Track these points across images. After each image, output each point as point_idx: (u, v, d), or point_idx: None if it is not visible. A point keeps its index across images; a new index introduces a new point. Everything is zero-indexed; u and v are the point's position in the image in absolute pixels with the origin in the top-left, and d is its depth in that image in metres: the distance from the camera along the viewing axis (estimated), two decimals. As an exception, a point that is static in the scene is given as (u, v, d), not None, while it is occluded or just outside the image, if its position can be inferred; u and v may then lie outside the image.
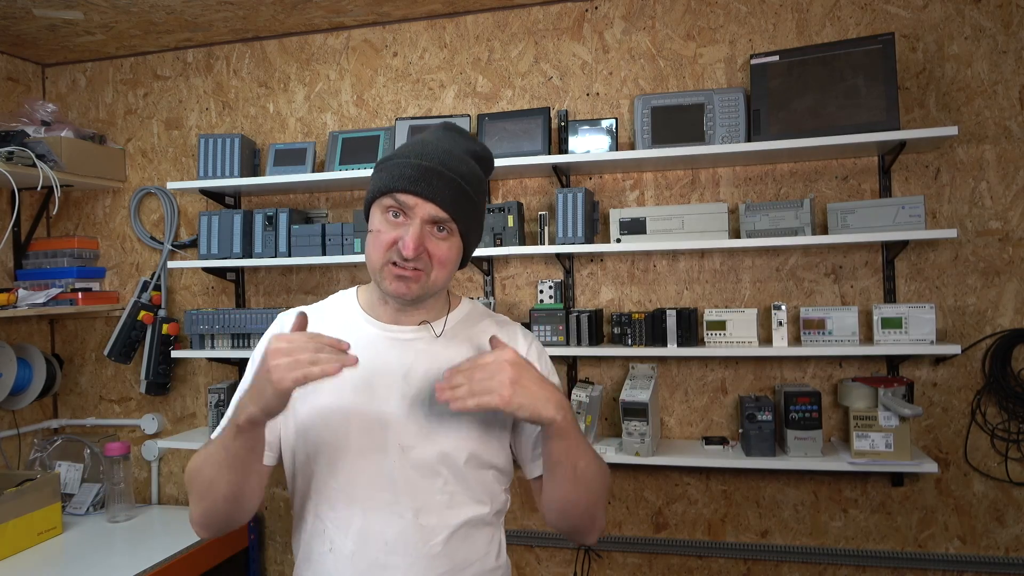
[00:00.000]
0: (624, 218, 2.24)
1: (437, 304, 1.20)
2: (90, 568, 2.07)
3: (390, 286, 1.09)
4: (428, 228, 1.08)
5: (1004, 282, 2.13)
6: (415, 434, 1.11)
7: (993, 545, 2.14)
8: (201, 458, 1.10)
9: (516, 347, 1.20)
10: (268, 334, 1.21)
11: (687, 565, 2.35)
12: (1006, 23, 2.12)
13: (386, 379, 1.13)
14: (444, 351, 1.17)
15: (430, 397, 1.12)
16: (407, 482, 1.10)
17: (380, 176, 1.10)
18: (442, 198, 1.06)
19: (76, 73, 2.92)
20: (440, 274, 1.11)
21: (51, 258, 2.76)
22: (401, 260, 1.07)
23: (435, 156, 1.08)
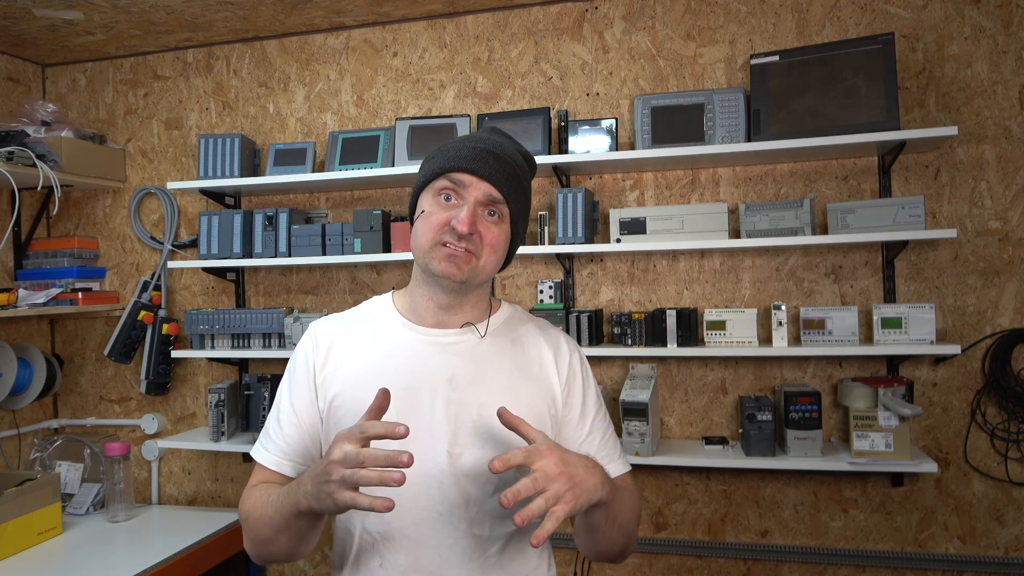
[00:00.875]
0: (624, 218, 2.24)
1: (480, 305, 1.17)
2: (90, 568, 2.07)
3: (439, 266, 1.06)
4: (480, 210, 1.07)
5: (1004, 282, 2.13)
6: (464, 442, 1.08)
7: (993, 545, 2.14)
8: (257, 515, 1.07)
9: (559, 354, 1.20)
10: (301, 346, 1.17)
11: (687, 565, 2.35)
12: (1006, 23, 2.12)
13: (431, 385, 1.09)
14: (488, 354, 1.14)
15: (479, 405, 1.09)
16: (460, 491, 1.07)
17: (433, 161, 1.10)
18: (497, 178, 1.06)
19: (76, 73, 2.92)
20: (489, 259, 1.08)
21: (51, 258, 2.76)
22: (454, 239, 1.05)
23: (489, 142, 1.09)
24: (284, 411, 1.14)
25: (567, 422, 1.19)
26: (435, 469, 1.06)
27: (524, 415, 1.07)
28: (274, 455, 1.13)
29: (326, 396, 1.12)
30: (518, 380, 1.14)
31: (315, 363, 1.14)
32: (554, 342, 1.21)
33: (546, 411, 1.15)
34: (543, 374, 1.17)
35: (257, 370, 2.69)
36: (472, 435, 1.08)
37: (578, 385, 1.20)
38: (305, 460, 1.13)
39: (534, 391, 1.15)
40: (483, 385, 1.11)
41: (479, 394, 1.10)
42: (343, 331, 1.16)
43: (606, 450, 1.20)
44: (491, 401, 1.09)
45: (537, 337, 1.20)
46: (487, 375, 1.12)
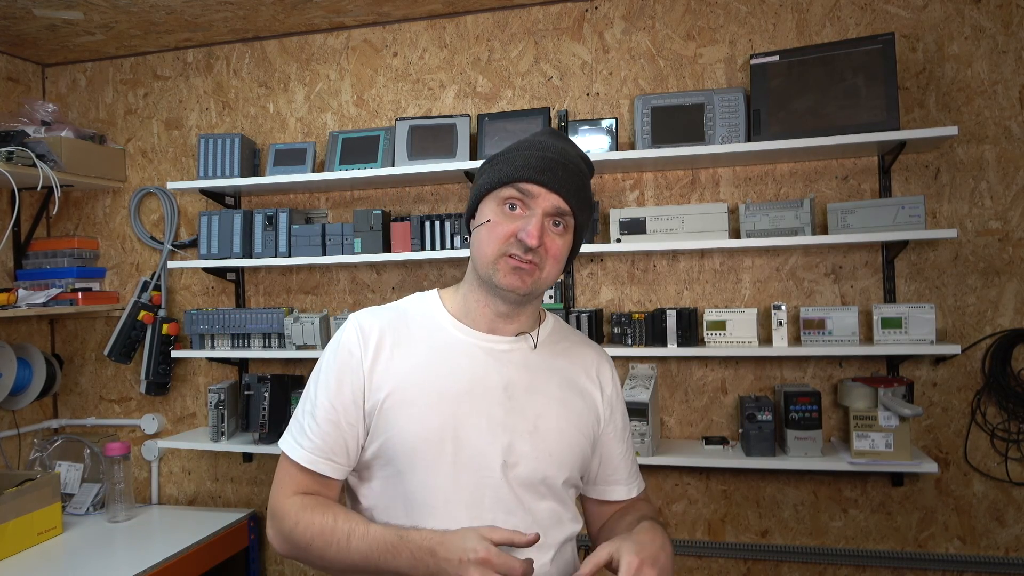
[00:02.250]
0: (624, 218, 2.24)
1: (534, 314, 1.17)
2: (90, 568, 2.07)
3: (504, 279, 1.05)
4: (546, 222, 1.05)
5: (1004, 282, 2.13)
6: (520, 451, 1.06)
7: (993, 545, 2.14)
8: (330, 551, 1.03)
9: (602, 369, 1.21)
10: (344, 339, 1.11)
11: (687, 565, 2.35)
12: (1006, 23, 2.12)
13: (487, 392, 1.08)
14: (540, 364, 1.14)
15: (535, 416, 1.09)
16: (516, 500, 1.06)
17: (498, 168, 1.08)
18: (567, 190, 1.04)
19: (76, 73, 2.92)
20: (552, 270, 1.07)
21: (51, 258, 2.76)
22: (520, 251, 1.03)
23: (555, 151, 1.07)
24: (321, 407, 1.08)
25: (608, 437, 1.21)
26: (490, 478, 1.05)
27: (574, 425, 1.12)
28: (310, 453, 1.07)
29: (377, 394, 1.07)
30: (568, 392, 1.15)
31: (363, 359, 1.08)
32: (598, 358, 1.22)
33: (592, 423, 1.17)
34: (588, 387, 1.18)
35: (257, 370, 2.69)
36: (527, 445, 1.07)
37: (619, 401, 1.23)
38: (342, 459, 1.08)
39: (583, 404, 1.16)
40: (538, 395, 1.10)
41: (535, 404, 1.09)
42: (391, 326, 1.12)
43: (636, 466, 1.26)
44: (546, 411, 1.10)
45: (582, 349, 1.22)
46: (541, 385, 1.11)
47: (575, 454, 1.12)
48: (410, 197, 2.59)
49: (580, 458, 1.14)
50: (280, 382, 2.46)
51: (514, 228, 1.04)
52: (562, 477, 1.10)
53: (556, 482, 1.10)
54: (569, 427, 1.12)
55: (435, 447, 1.04)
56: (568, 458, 1.11)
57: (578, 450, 1.13)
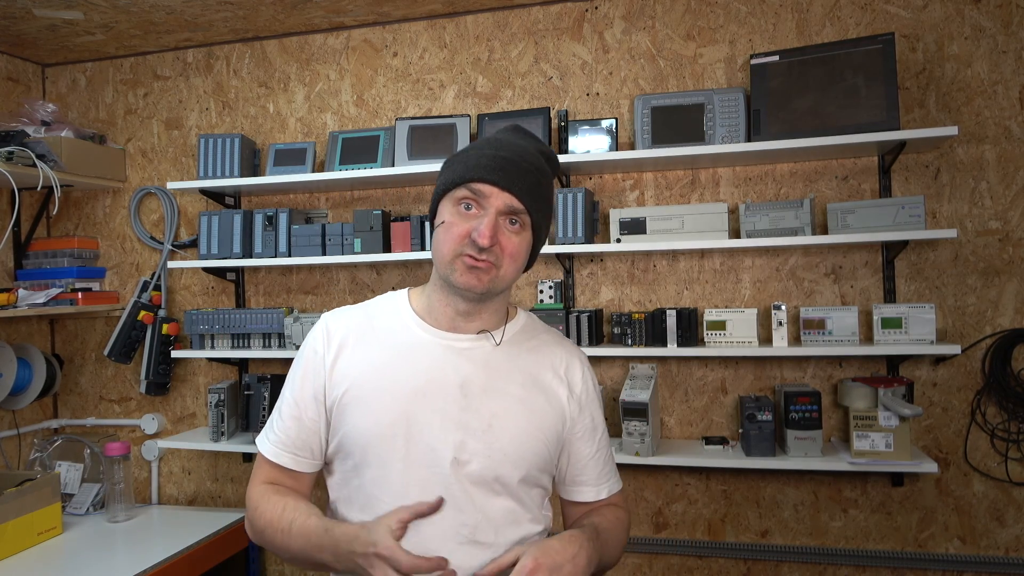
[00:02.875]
0: (624, 218, 2.24)
1: (498, 311, 1.16)
2: (90, 568, 2.07)
3: (461, 278, 1.06)
4: (501, 220, 1.05)
5: (1004, 282, 2.13)
6: (472, 450, 1.07)
7: (993, 545, 2.14)
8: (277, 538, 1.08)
9: (572, 368, 1.21)
10: (311, 338, 1.16)
11: (687, 565, 2.35)
12: (1006, 23, 2.12)
13: (443, 389, 1.09)
14: (502, 362, 1.14)
15: (490, 415, 1.09)
16: (467, 497, 1.07)
17: (453, 168, 1.09)
18: (519, 188, 1.04)
19: (76, 73, 2.92)
20: (510, 269, 1.07)
21: (51, 258, 2.76)
22: (475, 252, 1.04)
23: (511, 149, 1.07)
24: (287, 403, 1.14)
25: (577, 437, 1.20)
26: (440, 475, 1.06)
27: (534, 424, 1.12)
28: (274, 445, 1.13)
29: (336, 390, 1.10)
30: (530, 391, 1.14)
31: (325, 357, 1.12)
32: (568, 357, 1.21)
33: (557, 425, 1.16)
34: (555, 387, 1.17)
35: (257, 370, 2.69)
36: (480, 443, 1.08)
37: (589, 401, 1.22)
38: (303, 452, 1.13)
39: (546, 404, 1.15)
40: (496, 393, 1.11)
41: (491, 402, 1.10)
42: (357, 325, 1.15)
43: (609, 467, 1.24)
44: (503, 410, 1.10)
45: (552, 348, 1.20)
46: (500, 383, 1.12)
47: (533, 453, 1.12)
48: (410, 197, 2.59)
49: (540, 457, 1.13)
50: (280, 382, 2.46)
51: (468, 228, 1.05)
52: (517, 476, 1.10)
53: (511, 481, 1.10)
54: (528, 426, 1.11)
55: (387, 442, 1.07)
56: (525, 457, 1.10)
57: (537, 449, 1.12)
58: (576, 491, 1.22)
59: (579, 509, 1.24)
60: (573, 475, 1.21)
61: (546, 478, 1.18)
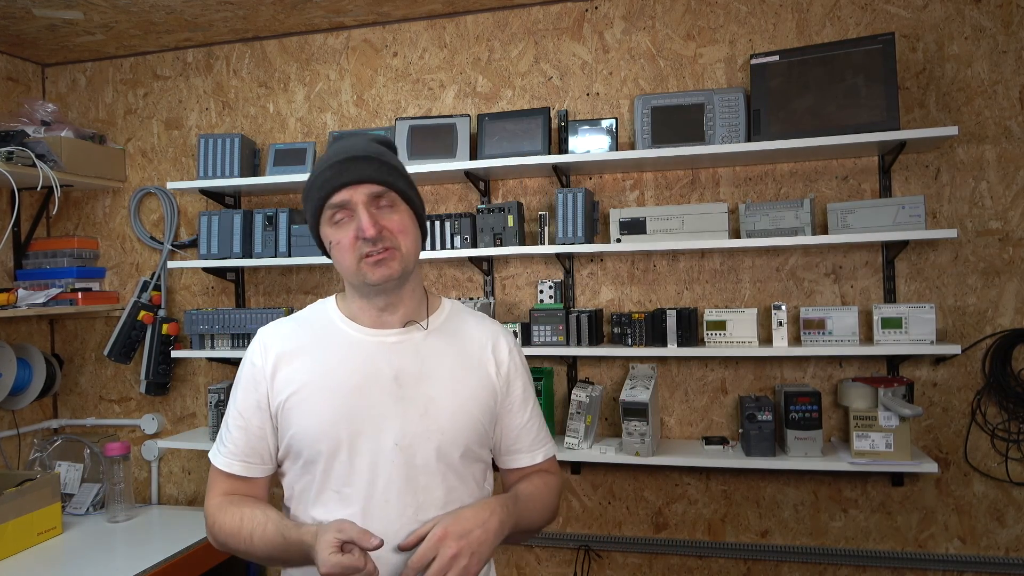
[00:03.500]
0: (624, 218, 2.24)
1: (416, 295, 1.23)
2: (90, 568, 2.07)
3: (373, 275, 1.12)
4: (373, 209, 1.12)
5: (1004, 282, 2.13)
6: (411, 434, 1.14)
7: (993, 545, 2.14)
8: (241, 546, 1.15)
9: (498, 346, 1.27)
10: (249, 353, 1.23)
11: (687, 565, 2.35)
12: (1006, 23, 2.12)
13: (378, 383, 1.16)
14: (432, 350, 1.21)
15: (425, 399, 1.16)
16: (406, 481, 1.13)
17: (311, 197, 1.15)
18: (368, 174, 1.11)
19: (76, 73, 2.92)
20: (407, 242, 1.14)
21: (51, 258, 2.76)
22: (370, 246, 1.10)
23: (342, 152, 1.13)
24: (232, 415, 1.21)
25: (508, 410, 1.27)
26: (383, 462, 1.13)
27: (468, 403, 1.19)
28: (225, 456, 1.20)
29: (278, 398, 1.17)
30: (461, 373, 1.21)
31: (263, 369, 1.19)
32: (493, 336, 1.28)
33: (489, 400, 1.23)
34: (484, 366, 1.24)
35: (257, 370, 2.68)
36: (419, 427, 1.15)
37: (518, 375, 1.28)
38: (254, 459, 1.19)
39: (476, 383, 1.22)
40: (429, 380, 1.18)
41: (425, 389, 1.17)
42: (291, 336, 1.22)
43: (542, 434, 1.32)
44: (437, 395, 1.17)
45: (477, 330, 1.27)
46: (432, 370, 1.19)
47: (470, 430, 1.19)
48: (410, 197, 2.59)
49: (476, 433, 1.20)
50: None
51: (352, 233, 1.11)
52: (457, 453, 1.17)
53: (452, 459, 1.17)
54: (462, 405, 1.18)
55: (331, 439, 1.14)
56: (462, 435, 1.18)
57: (473, 426, 1.19)
58: (511, 459, 1.30)
59: (515, 476, 1.31)
60: (507, 445, 1.28)
61: (485, 452, 1.25)
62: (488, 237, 2.32)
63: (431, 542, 1.05)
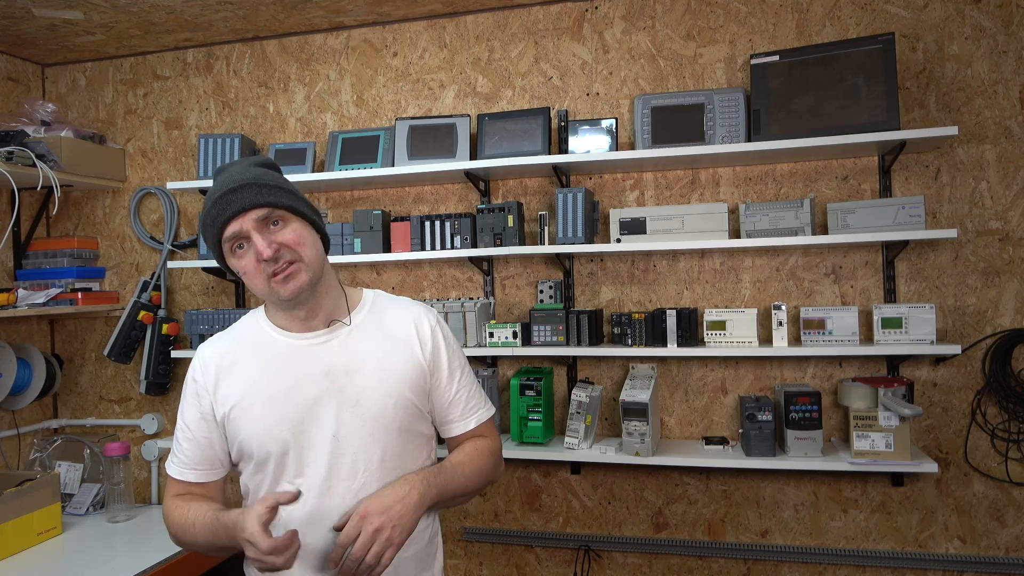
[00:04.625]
0: (624, 218, 2.24)
1: (331, 294, 1.29)
2: (90, 568, 2.07)
3: (284, 291, 1.18)
4: (266, 231, 1.18)
5: (1004, 282, 2.13)
6: (346, 424, 1.23)
7: (993, 545, 2.14)
8: (187, 537, 1.26)
9: (421, 327, 1.33)
10: (191, 370, 1.32)
11: (687, 565, 2.35)
12: (1006, 23, 2.12)
13: (310, 382, 1.24)
14: (357, 343, 1.27)
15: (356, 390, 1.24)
16: (349, 467, 1.22)
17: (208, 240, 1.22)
18: (250, 200, 1.16)
19: (76, 73, 2.92)
20: (308, 252, 1.20)
21: (51, 258, 2.76)
22: (273, 265, 1.17)
23: (220, 186, 1.19)
24: (180, 428, 1.31)
25: (436, 387, 1.33)
26: (325, 453, 1.22)
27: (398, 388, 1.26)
28: (177, 466, 1.31)
29: (222, 409, 1.26)
30: (387, 359, 1.28)
31: (205, 384, 1.28)
32: (415, 317, 1.34)
33: (417, 379, 1.29)
34: (410, 348, 1.31)
35: (257, 370, 2.68)
36: (353, 416, 1.23)
37: (442, 351, 1.34)
38: (203, 466, 1.30)
39: (403, 365, 1.29)
40: (357, 372, 1.25)
41: (355, 380, 1.24)
42: (228, 350, 1.30)
43: (472, 403, 1.38)
44: (367, 384, 1.25)
45: (400, 315, 1.34)
46: (359, 362, 1.26)
47: (403, 410, 1.26)
48: (410, 197, 2.59)
49: (409, 413, 1.28)
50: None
51: (253, 260, 1.18)
52: (392, 435, 1.25)
53: (388, 441, 1.25)
54: (392, 389, 1.26)
55: (277, 440, 1.23)
56: (396, 417, 1.25)
57: (406, 406, 1.27)
58: (446, 429, 1.37)
59: (454, 443, 1.39)
60: (441, 417, 1.36)
61: (423, 425, 1.32)
62: (488, 237, 2.32)
63: (354, 520, 1.13)
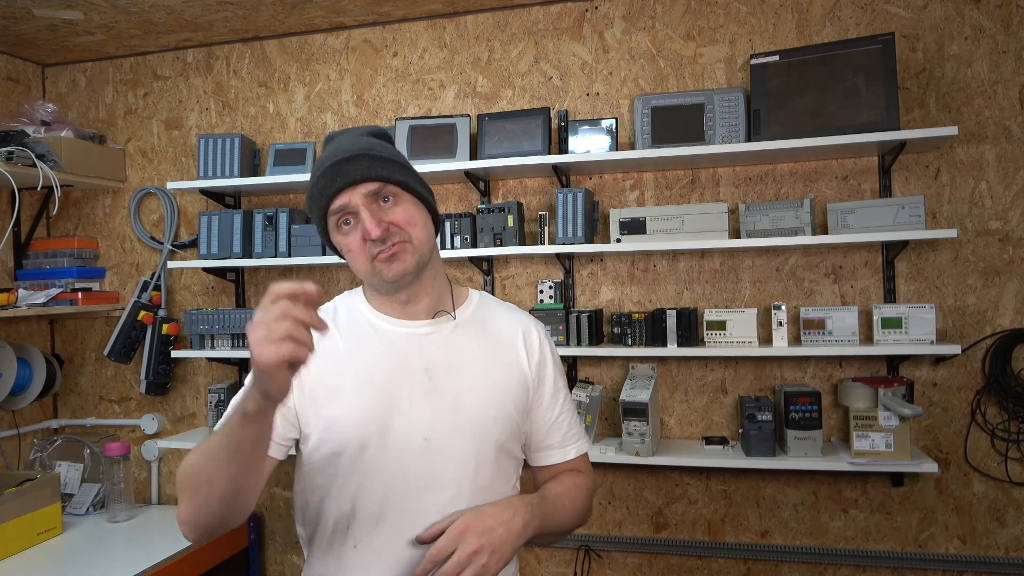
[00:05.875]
0: (624, 218, 2.24)
1: (438, 284, 1.19)
2: (90, 568, 2.07)
3: (388, 271, 1.08)
4: (375, 207, 1.08)
5: (1004, 282, 2.13)
6: (441, 429, 1.10)
7: (993, 545, 2.14)
8: (198, 454, 1.00)
9: (529, 338, 1.23)
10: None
11: (687, 565, 2.35)
12: (1006, 23, 2.12)
13: (408, 374, 1.12)
14: (462, 341, 1.17)
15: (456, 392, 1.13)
16: (435, 477, 1.09)
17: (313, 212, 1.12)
18: (363, 173, 1.06)
19: (76, 73, 2.92)
20: (418, 233, 1.10)
21: (51, 258, 2.76)
22: (379, 246, 1.07)
23: (334, 154, 1.09)
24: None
25: (538, 405, 1.23)
26: (412, 456, 1.09)
27: (499, 397, 1.15)
28: None
29: (303, 385, 1.11)
30: (492, 365, 1.17)
31: None
32: (524, 326, 1.25)
33: (520, 393, 1.19)
34: (515, 358, 1.21)
35: (257, 370, 2.68)
36: (450, 421, 1.11)
37: (548, 366, 1.24)
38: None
39: (508, 375, 1.18)
40: (459, 372, 1.14)
41: (456, 381, 1.13)
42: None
43: (573, 431, 1.27)
44: (468, 387, 1.14)
45: (508, 322, 1.24)
46: (462, 362, 1.15)
47: (503, 423, 1.15)
48: (410, 197, 2.59)
49: (508, 427, 1.16)
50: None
51: (359, 238, 1.08)
52: (489, 448, 1.13)
53: (483, 455, 1.13)
54: (494, 398, 1.15)
55: (361, 429, 1.09)
56: (495, 429, 1.14)
57: (506, 419, 1.16)
58: (542, 455, 1.26)
59: (548, 473, 1.27)
60: (538, 440, 1.25)
61: (517, 448, 1.21)
62: (488, 237, 2.32)
63: (452, 535, 1.01)
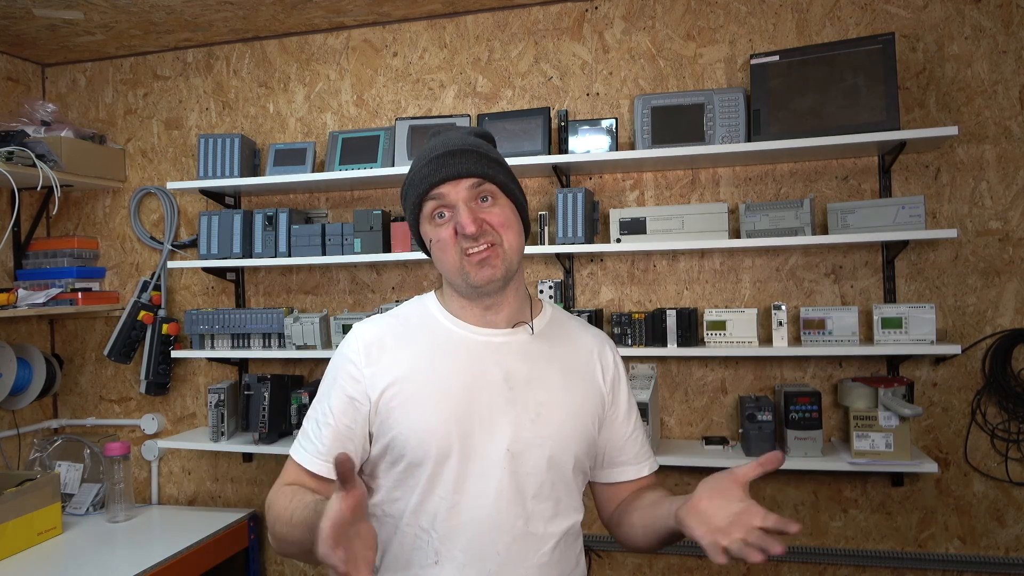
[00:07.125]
0: (624, 218, 2.24)
1: (519, 295, 1.17)
2: (90, 568, 2.07)
3: (476, 276, 1.07)
4: (474, 204, 1.08)
5: (1004, 282, 2.13)
6: (523, 440, 1.08)
7: (993, 545, 2.14)
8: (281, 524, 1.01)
9: (604, 353, 1.23)
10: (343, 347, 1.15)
11: (687, 565, 2.35)
12: (1006, 23, 2.12)
13: (488, 383, 1.10)
14: (540, 352, 1.15)
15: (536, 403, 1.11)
16: (517, 490, 1.07)
17: (408, 199, 1.12)
18: (468, 168, 1.06)
19: (76, 73, 2.92)
20: (510, 237, 1.09)
21: (51, 258, 2.76)
22: (471, 243, 1.06)
23: (441, 146, 1.10)
24: (321, 412, 1.12)
25: (613, 420, 1.22)
26: (495, 468, 1.07)
27: (577, 410, 1.14)
28: (309, 453, 1.10)
29: (375, 390, 1.09)
30: (571, 378, 1.16)
31: (359, 362, 1.11)
32: (599, 341, 1.24)
33: (597, 408, 1.18)
34: (591, 372, 1.19)
35: (257, 370, 2.69)
36: (531, 433, 1.09)
37: (622, 383, 1.24)
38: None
39: (586, 389, 1.17)
40: (539, 383, 1.12)
41: (536, 393, 1.11)
42: (390, 329, 1.15)
43: (646, 448, 1.27)
44: (548, 399, 1.12)
45: (583, 336, 1.23)
46: (542, 374, 1.13)
47: (580, 438, 1.14)
48: (410, 197, 2.59)
49: (586, 442, 1.15)
50: (280, 382, 2.46)
51: (451, 231, 1.07)
52: (569, 462, 1.12)
53: (564, 468, 1.11)
54: (572, 412, 1.13)
55: (441, 440, 1.06)
56: (573, 443, 1.12)
57: (583, 434, 1.14)
58: (617, 472, 1.23)
59: (621, 490, 1.24)
60: (612, 456, 1.23)
61: (589, 463, 1.20)
62: (488, 237, 2.32)
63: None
